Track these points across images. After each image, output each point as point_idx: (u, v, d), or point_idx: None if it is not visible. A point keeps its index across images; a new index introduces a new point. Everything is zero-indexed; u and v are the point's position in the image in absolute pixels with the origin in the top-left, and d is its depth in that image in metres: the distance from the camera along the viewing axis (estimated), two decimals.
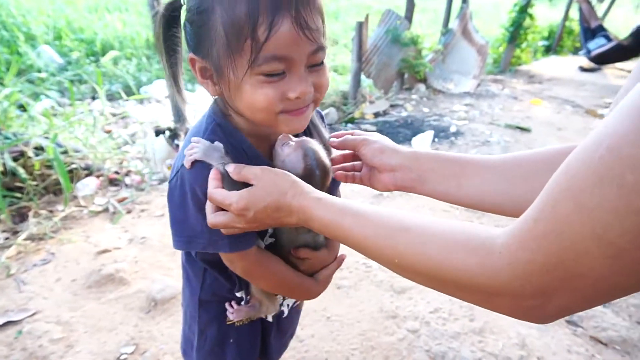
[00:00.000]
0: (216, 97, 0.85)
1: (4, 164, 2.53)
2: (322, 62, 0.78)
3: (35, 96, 4.81)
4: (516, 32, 7.61)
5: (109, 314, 2.05)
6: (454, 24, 6.80)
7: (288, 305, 1.12)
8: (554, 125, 5.20)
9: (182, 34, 0.81)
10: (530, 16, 7.55)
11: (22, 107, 3.52)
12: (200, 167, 0.79)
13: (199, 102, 5.26)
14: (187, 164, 0.80)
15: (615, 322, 2.15)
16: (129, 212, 2.91)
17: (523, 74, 7.95)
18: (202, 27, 0.73)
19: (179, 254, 2.58)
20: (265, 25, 0.67)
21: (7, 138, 2.65)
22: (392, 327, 2.05)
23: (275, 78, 0.73)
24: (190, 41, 0.78)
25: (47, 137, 2.83)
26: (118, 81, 5.72)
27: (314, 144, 0.86)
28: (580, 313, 2.23)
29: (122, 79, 5.69)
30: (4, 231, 2.57)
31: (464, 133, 4.67)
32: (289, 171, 0.79)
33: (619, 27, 9.01)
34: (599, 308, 2.26)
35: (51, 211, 2.80)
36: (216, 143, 0.82)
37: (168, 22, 0.80)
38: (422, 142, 4.30)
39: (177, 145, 3.63)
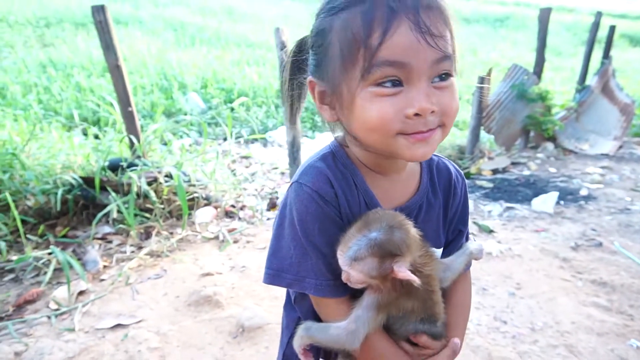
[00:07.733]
0: (335, 123, 0.81)
1: (139, 187, 2.91)
2: (448, 78, 0.69)
3: (180, 136, 5.56)
4: None
5: (200, 333, 2.16)
6: (592, 80, 6.25)
7: None
8: None
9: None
10: None
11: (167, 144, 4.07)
12: (302, 188, 0.77)
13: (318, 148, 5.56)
14: None
15: None
16: (235, 241, 3.10)
17: None
18: (321, 47, 0.72)
19: (273, 287, 2.66)
20: (380, 31, 0.63)
21: (145, 165, 3.07)
22: None
23: (389, 89, 0.66)
24: (311, 65, 0.77)
25: (176, 167, 3.21)
26: (248, 125, 6.33)
27: None
28: None
29: (251, 124, 6.29)
30: (131, 245, 2.92)
31: (597, 197, 4.13)
32: None
33: None
34: None
35: (171, 233, 3.12)
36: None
37: (295, 66, 0.81)
38: (545, 204, 3.90)
39: None
